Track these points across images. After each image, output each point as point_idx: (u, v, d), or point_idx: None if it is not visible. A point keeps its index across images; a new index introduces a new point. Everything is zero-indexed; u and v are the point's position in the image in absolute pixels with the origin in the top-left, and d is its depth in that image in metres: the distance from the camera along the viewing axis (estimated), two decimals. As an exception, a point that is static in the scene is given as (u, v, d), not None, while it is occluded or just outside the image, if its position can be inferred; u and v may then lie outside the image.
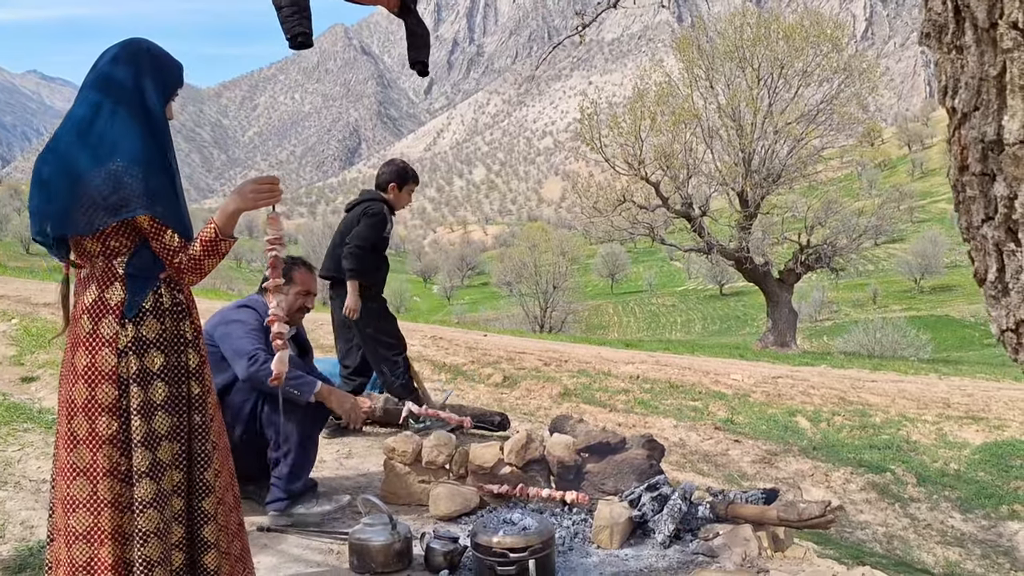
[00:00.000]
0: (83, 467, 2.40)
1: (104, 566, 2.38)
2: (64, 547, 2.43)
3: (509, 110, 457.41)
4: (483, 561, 3.27)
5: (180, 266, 2.51)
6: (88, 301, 2.46)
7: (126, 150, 2.45)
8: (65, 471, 2.43)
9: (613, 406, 8.58)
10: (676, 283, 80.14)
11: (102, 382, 2.42)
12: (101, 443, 2.40)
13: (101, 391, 2.42)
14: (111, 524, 2.39)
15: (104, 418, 2.41)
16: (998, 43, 1.26)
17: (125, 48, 2.58)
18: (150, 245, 2.49)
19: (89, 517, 2.39)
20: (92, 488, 2.40)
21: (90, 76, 2.57)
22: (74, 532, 2.39)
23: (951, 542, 6.27)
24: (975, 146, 1.37)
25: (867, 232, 23.84)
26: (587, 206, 23.71)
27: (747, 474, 6.88)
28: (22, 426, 5.20)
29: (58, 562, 2.47)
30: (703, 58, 22.88)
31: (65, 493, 2.42)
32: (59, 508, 2.46)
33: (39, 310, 10.11)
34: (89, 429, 2.41)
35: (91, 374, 2.42)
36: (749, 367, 13.14)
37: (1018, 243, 1.32)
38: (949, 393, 11.14)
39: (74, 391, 2.43)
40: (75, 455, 2.41)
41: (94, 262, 2.48)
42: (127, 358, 2.44)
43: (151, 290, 2.50)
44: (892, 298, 56.78)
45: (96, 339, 2.43)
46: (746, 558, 3.62)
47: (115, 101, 2.50)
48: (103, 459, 2.40)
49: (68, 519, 2.40)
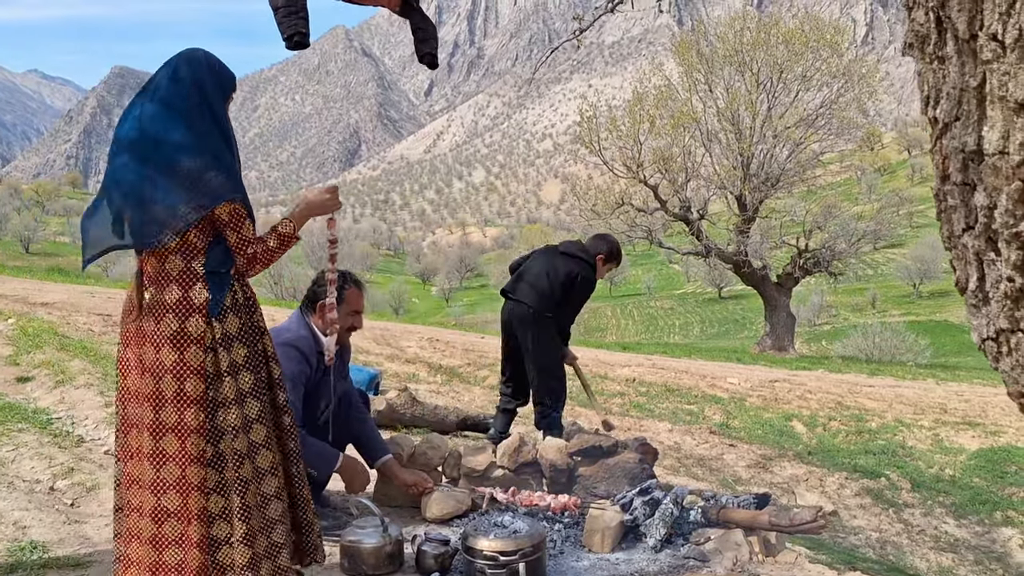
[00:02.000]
0: (172, 454, 2.62)
1: (191, 542, 2.61)
2: (147, 529, 2.64)
3: (509, 112, 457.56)
4: (473, 564, 3.28)
5: (255, 256, 2.72)
6: (171, 300, 2.62)
7: (204, 148, 2.64)
8: (153, 457, 2.63)
9: (609, 409, 8.57)
10: (674, 286, 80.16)
11: (191, 376, 2.62)
12: (189, 432, 2.62)
13: (190, 385, 2.62)
14: (197, 505, 2.62)
15: (193, 410, 2.62)
16: (978, 54, 1.27)
17: (186, 58, 2.78)
18: (225, 239, 2.67)
19: (179, 498, 2.62)
20: (181, 472, 2.62)
21: (157, 82, 2.74)
22: (166, 510, 2.62)
23: (944, 548, 6.27)
24: (956, 156, 1.37)
25: (866, 236, 23.83)
26: (586, 209, 23.70)
27: (742, 478, 6.88)
28: (16, 426, 5.20)
29: (127, 560, 2.67)
30: (702, 62, 22.87)
31: (155, 476, 2.63)
32: (143, 493, 2.65)
33: (36, 310, 10.10)
34: (178, 420, 2.62)
35: (180, 369, 2.61)
36: (746, 371, 13.15)
37: (998, 252, 1.33)
38: (946, 398, 11.14)
39: (162, 384, 2.61)
40: (164, 442, 2.63)
41: (169, 260, 2.63)
42: (215, 354, 2.66)
43: (228, 288, 2.69)
44: (891, 303, 56.81)
45: (184, 337, 2.62)
46: (737, 563, 3.63)
47: (184, 104, 2.68)
48: (191, 447, 2.62)
49: (160, 499, 2.62)
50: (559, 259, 5.75)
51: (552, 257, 5.81)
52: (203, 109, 2.70)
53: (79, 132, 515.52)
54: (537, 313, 5.53)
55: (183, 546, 2.62)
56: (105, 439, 5.21)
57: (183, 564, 2.62)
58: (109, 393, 6.14)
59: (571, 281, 5.61)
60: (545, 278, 5.62)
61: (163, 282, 2.63)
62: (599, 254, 5.80)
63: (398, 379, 8.71)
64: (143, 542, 2.64)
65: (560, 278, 5.60)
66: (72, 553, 3.50)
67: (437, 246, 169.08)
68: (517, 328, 5.65)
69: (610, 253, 5.87)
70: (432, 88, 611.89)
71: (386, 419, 6.08)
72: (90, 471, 4.54)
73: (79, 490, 4.29)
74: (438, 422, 6.29)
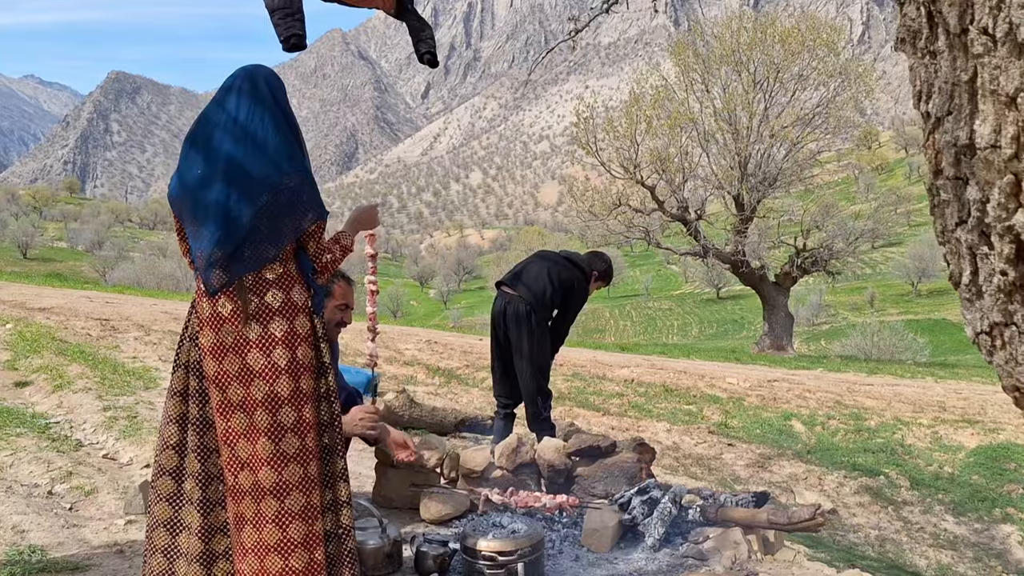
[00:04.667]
0: (293, 453, 2.63)
1: (318, 540, 2.66)
2: (270, 537, 2.61)
3: (506, 114, 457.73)
4: (472, 564, 3.27)
5: (326, 265, 2.82)
6: (277, 304, 2.65)
7: (294, 159, 2.70)
8: (274, 460, 2.61)
9: (607, 410, 8.58)
10: (673, 287, 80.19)
11: (304, 374, 2.68)
12: (309, 428, 2.67)
13: (305, 382, 2.67)
14: (321, 500, 2.69)
15: (309, 406, 2.68)
16: (969, 48, 1.27)
17: (250, 73, 2.81)
18: (306, 247, 2.75)
19: (303, 497, 2.63)
20: (304, 470, 2.65)
21: (232, 99, 2.74)
22: (290, 512, 2.61)
23: (943, 545, 6.28)
24: (948, 150, 1.38)
25: (864, 235, 23.85)
26: (583, 210, 23.70)
27: (740, 478, 6.88)
28: (15, 430, 5.19)
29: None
30: (699, 62, 22.89)
31: (277, 480, 2.61)
32: (262, 500, 2.62)
33: (34, 315, 10.10)
34: (296, 418, 2.64)
35: (294, 368, 2.65)
36: (745, 371, 13.15)
37: (991, 246, 1.33)
38: (945, 396, 11.15)
39: (277, 385, 2.62)
40: (284, 443, 2.62)
41: (269, 268, 2.67)
42: (319, 351, 2.74)
43: (314, 288, 2.78)
44: (889, 302, 56.86)
45: (294, 336, 2.66)
46: (736, 561, 3.62)
47: (262, 119, 2.71)
48: (311, 442, 2.67)
49: (283, 502, 2.61)
50: (560, 264, 5.79)
51: (553, 261, 5.84)
52: (283, 120, 2.77)
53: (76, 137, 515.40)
54: (534, 310, 5.52)
55: (310, 547, 2.64)
56: (103, 443, 5.21)
57: (312, 563, 2.64)
58: (107, 397, 6.13)
59: (570, 287, 5.65)
60: (546, 278, 5.62)
61: (264, 288, 2.66)
62: (594, 270, 5.87)
63: (396, 381, 8.71)
64: (264, 551, 2.61)
65: (560, 282, 5.62)
66: (71, 556, 3.49)
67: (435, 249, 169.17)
68: (511, 324, 5.62)
69: (604, 272, 5.95)
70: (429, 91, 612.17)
71: (384, 421, 6.08)
72: (88, 475, 4.53)
73: (78, 494, 4.28)
74: (436, 423, 6.29)
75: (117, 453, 5.06)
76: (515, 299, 5.59)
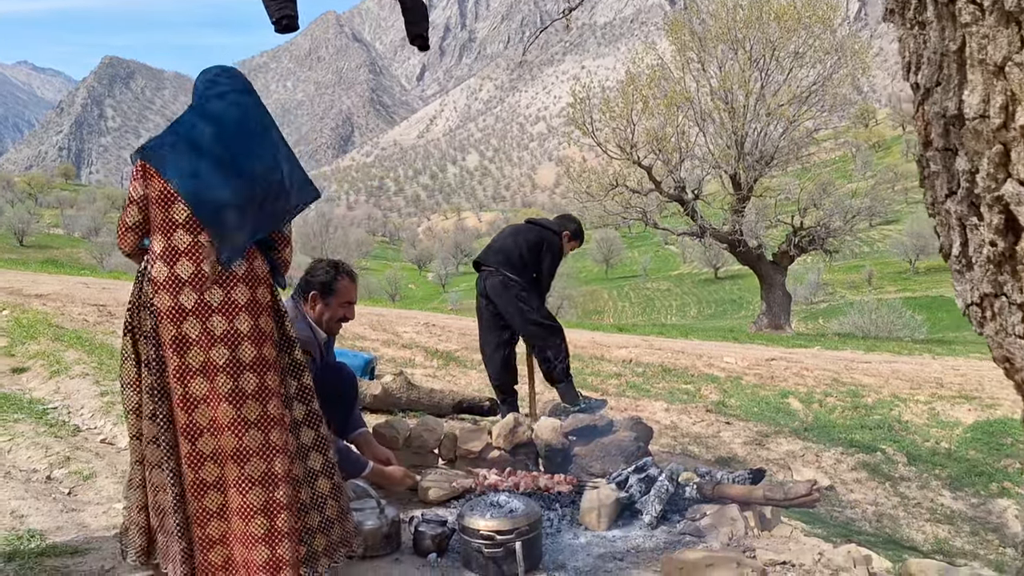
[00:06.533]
0: (255, 419, 2.73)
1: (279, 506, 2.73)
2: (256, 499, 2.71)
3: (502, 96, 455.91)
4: (470, 544, 3.29)
5: (287, 259, 2.95)
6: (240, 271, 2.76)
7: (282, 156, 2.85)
8: (235, 425, 2.71)
9: (605, 390, 8.59)
10: (671, 267, 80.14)
11: (267, 342, 2.80)
12: (272, 395, 2.79)
13: (267, 350, 2.80)
14: (286, 469, 2.78)
15: (272, 374, 2.80)
16: (957, 18, 1.26)
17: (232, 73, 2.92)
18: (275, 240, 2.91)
19: (263, 463, 2.74)
20: (266, 437, 2.75)
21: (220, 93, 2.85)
22: (250, 478, 2.71)
23: (940, 519, 6.31)
24: (937, 121, 1.37)
25: (861, 213, 23.80)
26: (580, 191, 23.65)
27: (738, 456, 6.90)
28: (12, 416, 5.20)
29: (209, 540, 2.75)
30: (695, 41, 22.76)
31: (238, 445, 2.71)
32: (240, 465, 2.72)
33: (31, 301, 10.09)
34: (259, 384, 2.76)
35: (257, 334, 2.78)
36: (742, 350, 13.17)
37: (980, 217, 1.33)
38: (942, 373, 11.17)
39: (240, 351, 2.73)
40: (245, 409, 2.73)
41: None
42: (281, 324, 2.89)
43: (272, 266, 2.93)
44: (887, 279, 56.84)
45: (256, 305, 2.79)
46: (733, 537, 3.64)
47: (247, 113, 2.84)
48: (274, 409, 2.78)
49: (244, 468, 2.71)
50: (525, 229, 6.13)
51: (519, 228, 6.21)
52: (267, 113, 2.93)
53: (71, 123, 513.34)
54: (509, 278, 5.82)
55: (270, 514, 2.72)
56: (101, 428, 5.22)
57: (272, 530, 2.73)
58: (104, 382, 6.14)
59: (538, 247, 5.94)
60: (513, 245, 5.95)
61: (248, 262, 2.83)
62: (565, 231, 6.15)
63: (395, 364, 8.72)
64: (229, 515, 2.73)
65: (528, 244, 5.93)
66: (70, 540, 3.50)
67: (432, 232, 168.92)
68: (495, 296, 5.90)
69: (575, 232, 6.23)
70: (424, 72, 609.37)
71: (382, 403, 6.09)
72: (87, 460, 4.54)
73: (76, 479, 4.29)
74: (434, 406, 6.30)
75: (115, 438, 5.07)
76: (491, 273, 5.91)
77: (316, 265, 4.02)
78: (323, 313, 3.93)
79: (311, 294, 3.91)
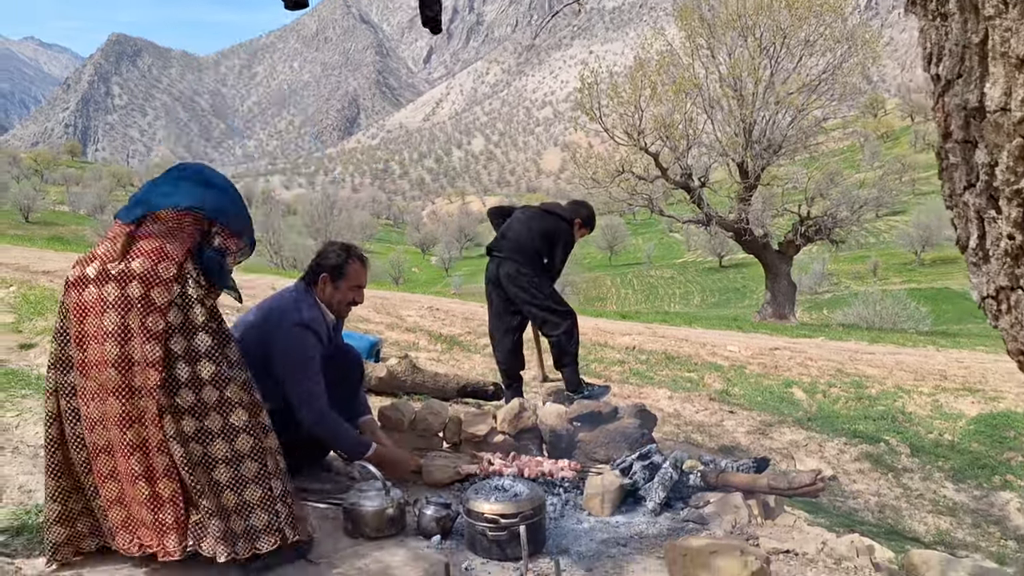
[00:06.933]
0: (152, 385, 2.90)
1: (159, 472, 2.93)
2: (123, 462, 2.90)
3: (508, 80, 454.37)
4: (475, 527, 3.30)
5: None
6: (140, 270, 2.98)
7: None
8: (144, 391, 2.89)
9: (608, 377, 8.60)
10: (675, 255, 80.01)
11: (154, 313, 2.96)
12: (150, 365, 2.96)
13: (152, 320, 2.95)
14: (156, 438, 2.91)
15: (153, 344, 2.92)
16: (980, 10, 1.26)
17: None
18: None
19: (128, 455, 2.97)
20: (145, 403, 2.93)
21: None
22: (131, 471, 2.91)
23: (943, 511, 6.33)
24: (957, 113, 1.36)
25: (868, 204, 23.73)
26: (586, 177, 23.58)
27: (741, 444, 6.92)
28: (20, 392, 5.22)
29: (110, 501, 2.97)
30: (705, 27, 22.62)
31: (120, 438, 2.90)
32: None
33: (38, 278, 10.12)
34: (142, 353, 2.94)
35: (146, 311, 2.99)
36: (746, 339, 13.18)
37: (998, 210, 1.33)
38: (946, 365, 11.17)
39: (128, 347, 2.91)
40: (138, 400, 2.91)
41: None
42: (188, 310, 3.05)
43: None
44: (893, 270, 56.74)
45: (148, 302, 2.92)
46: (736, 525, 3.66)
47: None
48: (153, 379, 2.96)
49: (147, 431, 2.92)
50: (540, 217, 6.13)
51: (533, 215, 6.18)
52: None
53: (77, 100, 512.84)
54: (523, 265, 5.88)
55: (171, 477, 2.93)
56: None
57: (157, 521, 2.93)
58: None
59: (552, 234, 5.99)
60: (526, 234, 5.98)
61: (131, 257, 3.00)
62: (577, 218, 6.19)
63: (398, 347, 8.73)
64: (131, 478, 2.91)
65: (541, 232, 5.98)
66: (77, 517, 3.53)
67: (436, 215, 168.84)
68: (507, 284, 5.94)
69: (587, 219, 6.28)
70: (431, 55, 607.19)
71: (387, 386, 6.11)
72: (93, 437, 4.56)
73: (83, 456, 4.31)
74: (438, 389, 6.32)
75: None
76: (505, 260, 5.95)
77: (327, 248, 4.02)
78: (333, 296, 3.93)
79: (321, 276, 3.91)
